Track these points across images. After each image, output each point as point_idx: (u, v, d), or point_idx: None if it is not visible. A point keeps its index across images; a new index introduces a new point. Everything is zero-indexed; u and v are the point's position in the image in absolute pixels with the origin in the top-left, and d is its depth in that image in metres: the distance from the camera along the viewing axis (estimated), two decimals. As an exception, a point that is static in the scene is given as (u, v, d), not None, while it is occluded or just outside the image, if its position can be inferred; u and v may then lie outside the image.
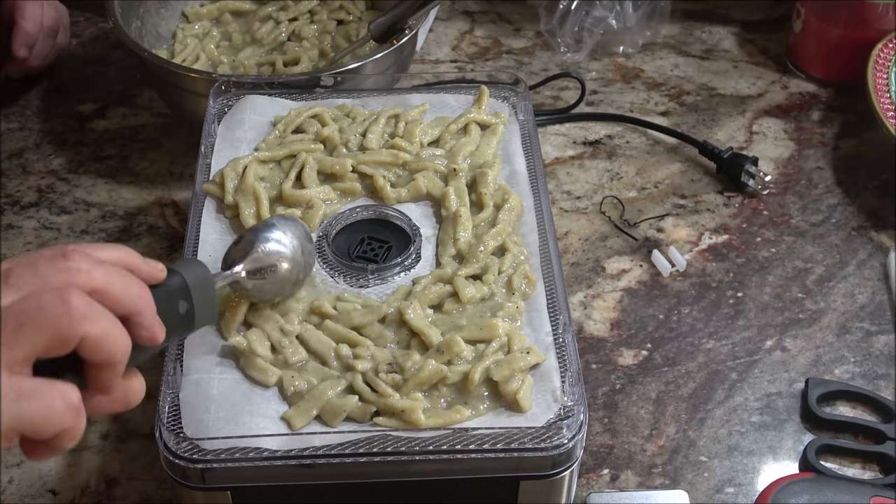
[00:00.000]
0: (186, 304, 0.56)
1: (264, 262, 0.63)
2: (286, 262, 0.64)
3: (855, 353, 0.79)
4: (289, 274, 0.64)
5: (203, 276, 0.58)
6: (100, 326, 0.47)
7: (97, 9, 1.11)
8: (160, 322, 0.52)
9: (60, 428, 0.46)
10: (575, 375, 0.61)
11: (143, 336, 0.51)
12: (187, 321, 0.56)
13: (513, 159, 0.77)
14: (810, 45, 1.06)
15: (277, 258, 0.63)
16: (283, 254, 0.64)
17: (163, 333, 0.52)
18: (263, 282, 0.63)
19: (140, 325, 0.51)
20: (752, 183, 0.92)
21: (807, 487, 0.66)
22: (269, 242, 0.63)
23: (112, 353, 0.48)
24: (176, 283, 0.56)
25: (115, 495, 0.69)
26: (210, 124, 0.79)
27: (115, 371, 0.49)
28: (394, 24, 0.90)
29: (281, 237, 0.64)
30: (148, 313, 0.51)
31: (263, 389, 0.61)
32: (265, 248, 0.63)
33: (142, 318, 0.51)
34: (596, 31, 1.08)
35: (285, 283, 0.64)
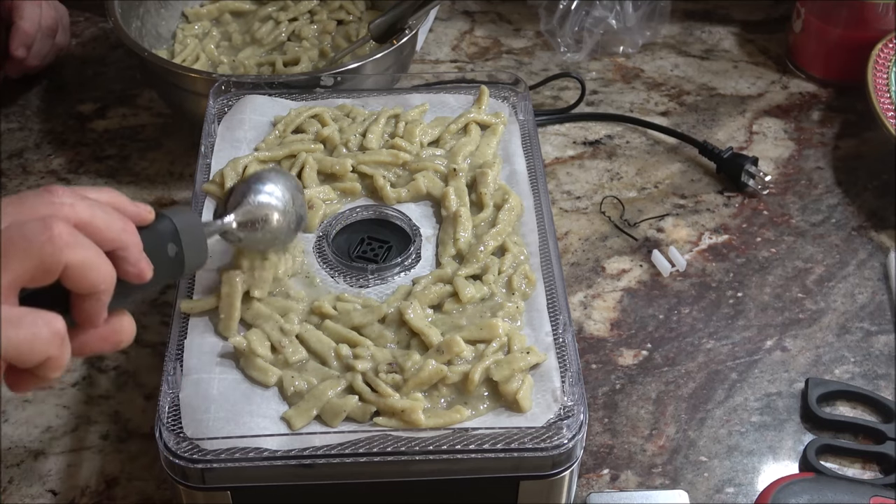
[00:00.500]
0: (176, 246, 0.56)
1: (256, 215, 0.63)
2: (278, 213, 0.64)
3: (855, 353, 0.79)
4: (280, 225, 0.64)
5: (192, 222, 0.58)
6: (83, 254, 0.47)
7: (97, 9, 1.11)
8: (147, 259, 0.52)
9: (45, 356, 0.47)
10: (575, 375, 0.61)
11: (129, 272, 0.51)
12: (177, 264, 0.56)
13: (513, 159, 0.77)
14: (810, 45, 1.06)
15: (269, 210, 0.63)
16: (274, 206, 0.64)
17: (150, 271, 0.52)
18: (255, 233, 0.63)
19: (126, 259, 0.51)
20: (752, 183, 0.92)
21: (807, 487, 0.66)
22: (261, 194, 0.63)
23: (95, 282, 0.48)
24: (165, 225, 0.56)
25: (115, 495, 0.69)
26: (210, 124, 0.79)
27: (99, 302, 0.49)
28: (394, 24, 0.90)
29: (273, 189, 0.64)
30: (133, 248, 0.52)
31: (263, 389, 0.61)
32: (256, 200, 0.63)
33: (127, 253, 0.51)
34: (596, 31, 1.08)
35: (277, 235, 0.64)
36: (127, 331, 0.53)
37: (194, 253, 0.58)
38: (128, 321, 0.53)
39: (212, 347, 0.63)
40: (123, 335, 0.53)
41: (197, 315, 0.65)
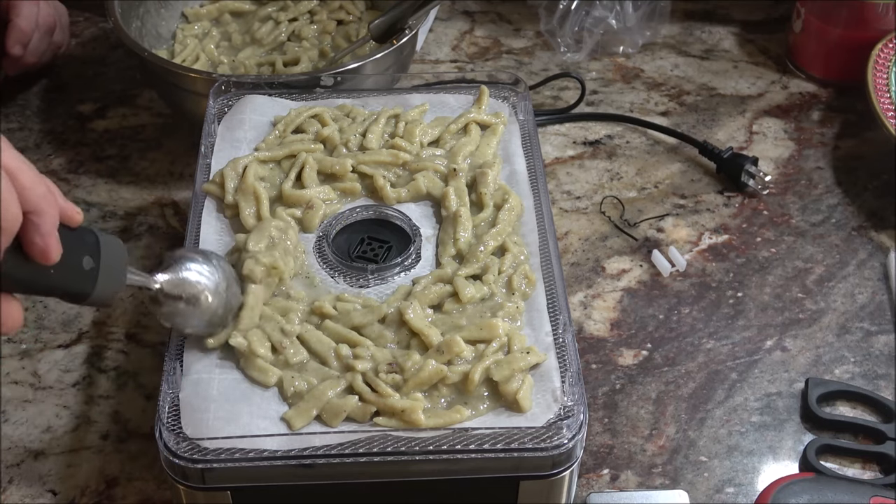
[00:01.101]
0: (93, 262, 0.53)
1: (185, 288, 0.59)
2: (210, 294, 0.60)
3: (855, 353, 0.79)
4: (209, 307, 0.60)
5: (118, 250, 0.55)
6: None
7: (97, 9, 1.11)
8: (58, 241, 0.49)
9: None
10: (575, 375, 0.61)
11: (35, 244, 0.48)
12: (87, 279, 0.53)
13: (513, 159, 0.77)
14: (810, 45, 1.06)
15: (200, 288, 0.60)
16: (206, 285, 0.60)
17: (56, 253, 0.49)
18: (177, 304, 0.59)
19: (37, 228, 0.48)
20: (752, 183, 0.92)
21: (807, 487, 0.66)
22: (195, 270, 0.60)
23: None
24: (89, 236, 0.54)
25: (115, 495, 0.69)
26: (210, 124, 0.79)
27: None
28: (394, 24, 0.90)
29: (210, 270, 0.61)
30: (48, 218, 0.48)
31: (263, 390, 0.61)
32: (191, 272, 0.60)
33: (40, 221, 0.48)
34: (596, 31, 1.08)
35: (203, 317, 0.61)
36: (13, 315, 0.49)
37: (109, 279, 0.54)
38: (16, 307, 0.49)
39: (212, 347, 0.63)
40: (7, 318, 0.49)
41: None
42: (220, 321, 0.62)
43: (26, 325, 0.80)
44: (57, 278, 0.51)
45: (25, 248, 0.48)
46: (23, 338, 0.80)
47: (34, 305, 0.82)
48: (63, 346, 0.79)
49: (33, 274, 0.49)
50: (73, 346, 0.79)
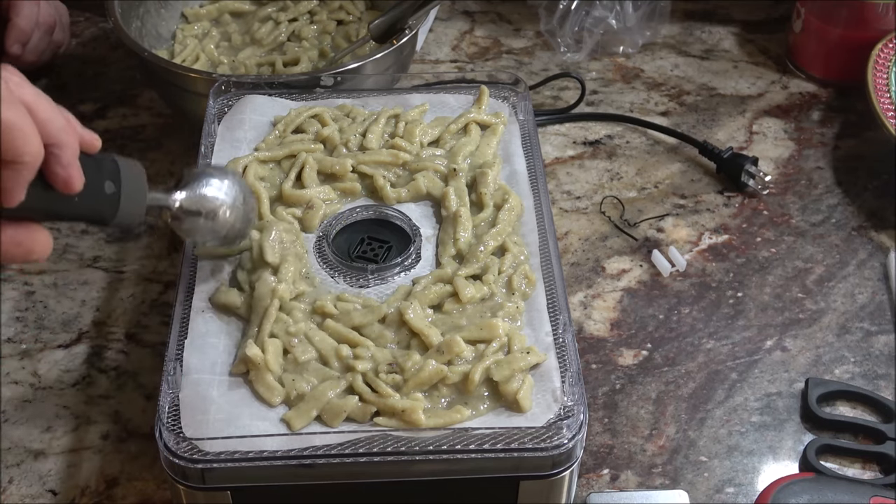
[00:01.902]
0: (114, 186, 0.54)
1: (202, 204, 0.61)
2: (226, 208, 0.62)
3: (855, 353, 0.79)
4: (227, 221, 0.63)
5: (137, 172, 0.57)
6: (14, 113, 0.46)
7: (97, 9, 1.11)
8: (79, 170, 0.50)
9: None
10: (575, 375, 0.61)
11: (58, 174, 0.49)
12: (110, 204, 0.55)
13: (513, 159, 0.77)
14: (810, 45, 1.06)
15: (217, 203, 0.62)
16: (223, 200, 0.62)
17: (79, 182, 0.50)
18: (197, 220, 0.62)
19: (58, 159, 0.49)
20: (752, 183, 0.92)
21: (807, 487, 0.66)
22: (211, 186, 0.62)
23: (20, 149, 0.46)
24: (109, 163, 0.55)
25: (115, 495, 0.69)
26: (210, 124, 0.79)
27: (19, 176, 0.47)
28: (394, 24, 0.90)
29: (224, 185, 0.63)
30: (69, 150, 0.49)
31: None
32: (207, 189, 0.62)
33: (61, 153, 0.49)
34: (596, 31, 1.08)
35: (221, 230, 0.63)
36: (41, 243, 0.50)
37: (131, 202, 0.56)
38: (44, 235, 0.51)
39: (212, 348, 0.63)
40: (37, 246, 0.50)
41: (197, 314, 0.65)
42: (237, 234, 0.65)
43: (26, 325, 0.81)
44: (80, 205, 0.52)
45: (49, 179, 0.49)
46: (23, 338, 0.80)
47: (34, 306, 0.82)
48: (63, 346, 0.79)
49: (57, 203, 0.51)
50: (73, 346, 0.79)
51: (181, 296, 0.66)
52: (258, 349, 0.61)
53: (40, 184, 0.50)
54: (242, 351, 0.61)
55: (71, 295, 0.83)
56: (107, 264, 0.86)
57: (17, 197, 0.48)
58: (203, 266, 0.68)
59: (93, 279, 0.85)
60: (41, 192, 0.50)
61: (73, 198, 0.52)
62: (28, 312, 0.82)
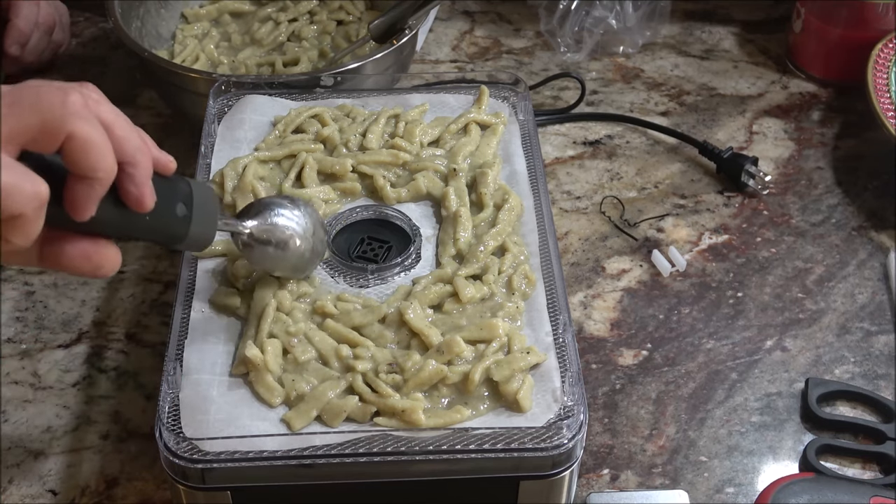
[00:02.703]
0: (185, 209, 0.55)
1: (275, 233, 0.62)
2: (298, 239, 0.63)
3: (855, 353, 0.79)
4: (297, 251, 0.63)
5: (209, 196, 0.58)
6: (90, 130, 0.46)
7: (97, 9, 1.11)
8: (152, 190, 0.51)
9: (20, 211, 0.45)
10: (575, 375, 0.61)
11: (130, 192, 0.50)
12: (181, 226, 0.56)
13: (513, 159, 0.77)
14: (810, 45, 1.06)
15: (290, 232, 0.62)
16: (295, 230, 0.63)
17: (151, 201, 0.51)
18: (267, 248, 0.62)
19: (132, 178, 0.50)
20: (752, 183, 0.92)
21: (807, 487, 0.66)
22: (284, 216, 0.62)
23: (95, 164, 0.47)
24: (182, 185, 0.56)
25: (115, 495, 0.69)
26: (210, 124, 0.79)
27: (92, 190, 0.48)
28: (394, 24, 0.90)
29: (298, 215, 0.63)
30: (143, 169, 0.50)
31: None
32: (280, 218, 0.62)
33: (135, 171, 0.50)
34: (596, 31, 1.08)
35: (291, 260, 0.64)
36: (111, 258, 0.52)
37: (202, 226, 0.57)
38: (114, 251, 0.52)
39: (212, 348, 0.63)
40: (106, 261, 0.51)
41: (197, 314, 0.65)
42: (306, 265, 0.65)
43: (26, 325, 0.80)
44: (151, 225, 0.53)
45: (122, 196, 0.50)
46: (23, 338, 0.80)
47: (34, 306, 0.82)
48: (63, 346, 0.79)
49: (128, 221, 0.52)
50: (73, 346, 0.79)
51: (181, 296, 0.66)
52: (257, 350, 0.61)
53: (113, 201, 0.51)
54: (241, 352, 0.61)
55: (71, 295, 0.83)
56: (107, 264, 0.86)
57: (88, 212, 0.49)
58: (203, 266, 0.68)
59: (93, 279, 0.85)
60: (113, 210, 0.51)
61: (144, 217, 0.52)
62: (28, 312, 0.82)
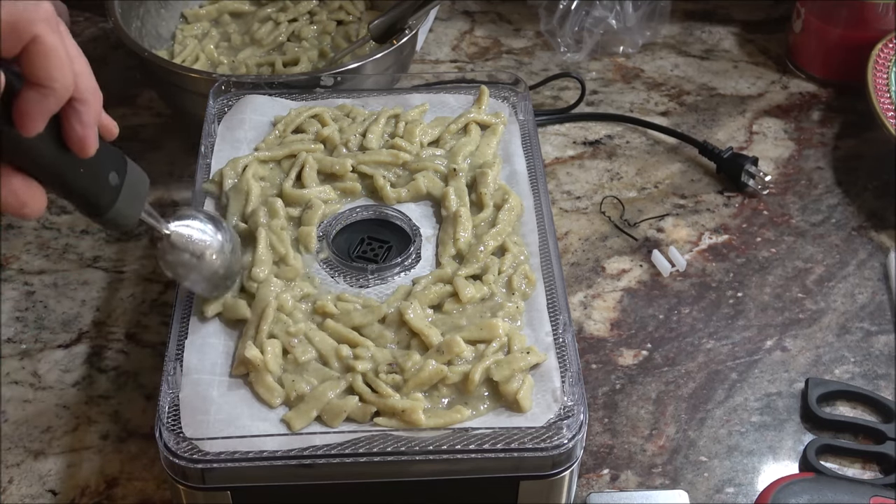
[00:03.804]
0: (118, 178, 0.55)
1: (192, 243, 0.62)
2: (214, 253, 0.63)
3: (855, 353, 0.79)
4: (211, 266, 0.63)
5: (142, 177, 0.57)
6: (56, 39, 0.46)
7: (97, 9, 1.11)
8: (97, 136, 0.51)
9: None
10: (575, 375, 0.61)
11: (75, 131, 0.50)
12: (110, 194, 0.55)
13: (513, 159, 0.77)
14: (810, 45, 1.06)
15: (206, 246, 0.62)
16: (212, 245, 0.62)
17: (93, 148, 0.51)
18: (181, 255, 0.61)
19: (79, 116, 0.50)
20: (752, 183, 0.92)
21: (807, 487, 0.66)
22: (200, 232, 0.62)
23: (54, 73, 0.47)
24: (119, 157, 0.56)
25: (115, 495, 0.69)
26: (210, 124, 0.79)
27: (45, 101, 0.47)
28: (394, 24, 0.90)
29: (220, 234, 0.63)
30: (92, 110, 0.50)
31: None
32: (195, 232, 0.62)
33: (84, 110, 0.50)
34: (596, 31, 1.08)
35: (203, 273, 0.63)
36: (37, 199, 0.51)
37: (128, 204, 0.56)
38: (41, 193, 0.51)
39: (212, 348, 0.63)
40: (32, 202, 0.50)
41: (197, 314, 0.65)
42: (220, 282, 0.64)
43: (26, 325, 0.80)
44: (83, 180, 0.53)
45: (65, 134, 0.50)
46: (23, 338, 0.80)
47: (34, 306, 0.82)
48: (63, 346, 0.79)
49: (64, 165, 0.51)
50: (73, 346, 0.79)
51: (181, 296, 0.66)
52: (257, 351, 0.61)
53: (54, 141, 0.50)
54: (241, 352, 0.61)
55: (71, 295, 0.83)
56: (107, 264, 0.86)
57: (36, 126, 0.48)
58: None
59: (93, 279, 0.85)
60: (52, 148, 0.50)
61: (78, 167, 0.52)
62: (28, 312, 0.82)
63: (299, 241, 0.69)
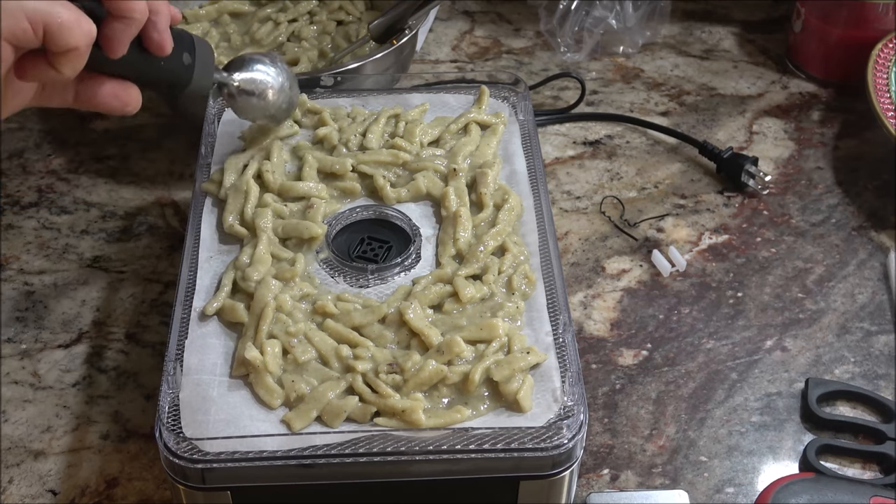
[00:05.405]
0: (190, 58, 0.65)
1: (256, 84, 0.72)
2: (273, 91, 0.73)
3: (855, 353, 0.79)
4: (275, 101, 0.73)
5: (207, 48, 0.67)
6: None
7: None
8: (170, 36, 0.61)
9: (75, 45, 0.53)
10: (575, 375, 0.61)
11: (153, 38, 0.60)
12: (186, 73, 0.65)
13: (513, 159, 0.77)
14: (810, 45, 1.06)
15: (267, 85, 0.72)
16: (271, 83, 0.72)
17: (170, 46, 0.61)
18: (250, 99, 0.72)
19: (154, 25, 0.59)
20: (752, 183, 0.92)
21: (807, 487, 0.66)
22: (262, 71, 0.72)
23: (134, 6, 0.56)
24: (186, 37, 0.65)
25: (115, 495, 0.69)
26: (210, 124, 0.79)
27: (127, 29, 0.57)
28: (394, 25, 0.90)
29: (273, 70, 0.73)
30: (164, 17, 0.60)
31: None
32: (259, 72, 0.72)
33: (158, 19, 0.59)
34: (596, 31, 1.08)
35: (269, 109, 0.73)
36: (134, 97, 0.61)
37: (202, 75, 0.66)
38: (137, 92, 0.61)
39: (212, 348, 0.63)
40: (131, 99, 0.61)
41: (197, 314, 0.65)
42: (283, 114, 0.75)
43: (26, 325, 0.81)
44: (164, 69, 0.63)
45: (145, 41, 0.60)
46: (23, 338, 0.80)
47: (34, 306, 0.82)
48: (63, 346, 0.79)
49: (148, 64, 0.62)
50: (73, 346, 0.79)
51: (181, 296, 0.66)
52: (257, 352, 0.61)
53: (137, 47, 0.60)
54: (241, 353, 0.61)
55: (71, 295, 0.83)
56: (107, 264, 0.86)
57: (121, 49, 0.57)
58: (203, 266, 0.68)
59: (93, 279, 0.85)
60: (137, 54, 0.60)
61: (160, 62, 0.62)
62: (28, 312, 0.82)
63: (300, 241, 0.69)
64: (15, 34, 0.51)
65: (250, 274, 0.66)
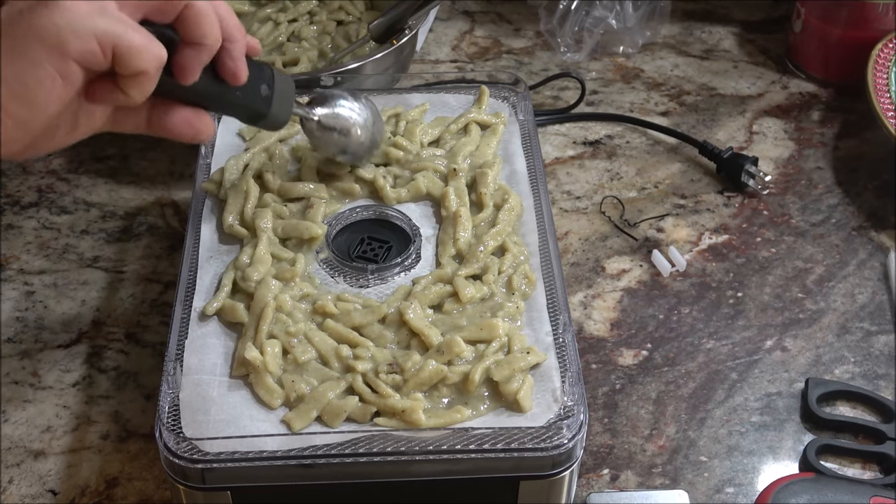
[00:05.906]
0: (268, 90, 0.63)
1: (339, 122, 0.70)
2: (359, 129, 0.71)
3: (855, 353, 0.79)
4: (357, 139, 0.71)
5: (288, 83, 0.65)
6: (204, 2, 0.54)
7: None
8: (245, 65, 0.59)
9: (144, 67, 0.52)
10: (575, 375, 0.61)
11: (227, 66, 0.58)
12: (263, 104, 0.63)
13: (513, 159, 0.77)
14: (810, 45, 1.06)
15: (351, 123, 0.71)
16: (356, 121, 0.71)
17: (244, 76, 0.59)
18: (331, 135, 0.70)
19: (229, 53, 0.58)
20: (752, 183, 0.92)
21: (807, 487, 0.66)
22: (347, 107, 0.71)
23: (206, 31, 0.55)
24: (266, 69, 0.64)
25: (115, 495, 0.69)
26: (210, 124, 0.79)
27: (199, 55, 0.56)
28: (394, 25, 0.90)
29: (359, 107, 0.71)
30: (239, 45, 0.58)
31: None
32: (343, 109, 0.70)
33: (233, 47, 0.58)
34: (596, 31, 1.08)
35: (349, 147, 0.71)
36: (208, 125, 0.60)
37: (280, 107, 0.64)
38: (210, 121, 0.60)
39: (212, 348, 0.63)
40: (204, 127, 0.59)
41: (197, 314, 0.65)
42: (365, 152, 0.73)
43: (26, 325, 0.81)
44: (241, 99, 0.61)
45: (219, 70, 0.58)
46: (23, 338, 0.80)
47: (34, 306, 0.82)
48: (63, 346, 0.79)
49: (223, 93, 0.60)
50: (73, 346, 0.79)
51: (181, 296, 0.66)
52: (257, 352, 0.61)
53: (211, 74, 0.58)
54: (241, 353, 0.61)
55: (71, 295, 0.83)
56: (107, 264, 0.86)
57: (193, 76, 0.56)
58: (203, 266, 0.68)
59: (93, 279, 0.85)
60: (210, 82, 0.58)
61: (235, 91, 0.60)
62: (28, 312, 0.82)
63: (300, 241, 0.69)
64: (84, 56, 0.50)
65: (250, 274, 0.66)
